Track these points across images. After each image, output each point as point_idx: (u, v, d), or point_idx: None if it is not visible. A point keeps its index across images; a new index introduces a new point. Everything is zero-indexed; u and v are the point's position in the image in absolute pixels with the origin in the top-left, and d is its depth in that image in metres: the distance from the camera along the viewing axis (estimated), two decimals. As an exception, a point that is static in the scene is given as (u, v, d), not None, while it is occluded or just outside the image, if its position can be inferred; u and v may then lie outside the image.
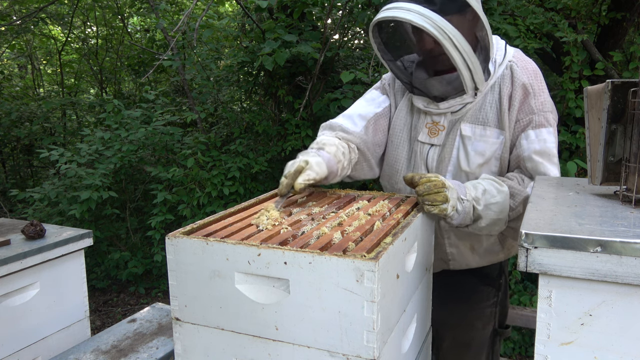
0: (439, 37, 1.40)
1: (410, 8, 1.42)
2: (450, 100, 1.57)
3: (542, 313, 0.95)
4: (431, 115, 1.64)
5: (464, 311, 1.76)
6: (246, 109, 6.00)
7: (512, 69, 1.57)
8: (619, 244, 0.87)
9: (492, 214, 1.46)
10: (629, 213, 1.05)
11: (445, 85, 1.56)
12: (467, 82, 1.50)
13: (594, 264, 0.89)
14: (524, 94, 1.54)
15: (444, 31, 1.39)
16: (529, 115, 1.54)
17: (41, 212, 4.52)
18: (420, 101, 1.64)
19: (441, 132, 1.62)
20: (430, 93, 1.60)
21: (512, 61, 1.58)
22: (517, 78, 1.55)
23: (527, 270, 0.94)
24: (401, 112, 1.73)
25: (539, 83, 1.57)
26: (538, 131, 1.53)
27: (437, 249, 1.70)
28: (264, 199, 1.54)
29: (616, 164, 1.16)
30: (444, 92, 1.57)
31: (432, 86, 1.58)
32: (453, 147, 1.60)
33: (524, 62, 1.60)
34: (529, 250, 0.93)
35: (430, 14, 1.39)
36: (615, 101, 1.13)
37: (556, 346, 0.95)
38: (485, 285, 1.76)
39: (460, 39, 1.41)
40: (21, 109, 6.89)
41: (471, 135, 1.57)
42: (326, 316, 1.02)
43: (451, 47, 1.41)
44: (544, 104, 1.55)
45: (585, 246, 0.89)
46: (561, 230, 0.93)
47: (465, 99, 1.56)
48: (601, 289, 0.90)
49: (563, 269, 0.91)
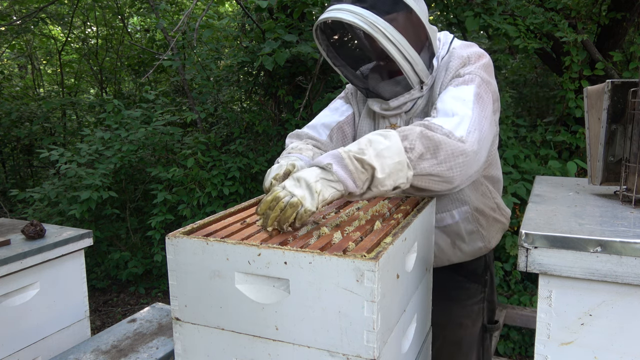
0: (371, 32, 1.41)
1: (343, 8, 1.45)
2: (400, 98, 1.58)
3: (542, 313, 0.95)
4: (388, 118, 1.66)
5: (452, 310, 1.76)
6: (246, 109, 6.00)
7: (451, 52, 1.57)
8: (619, 244, 0.87)
9: (389, 160, 1.21)
10: (629, 213, 1.05)
11: (394, 85, 1.58)
12: (410, 75, 1.50)
13: (594, 264, 0.89)
14: (460, 65, 1.51)
15: (375, 25, 1.41)
16: (457, 77, 1.50)
17: (41, 212, 4.52)
18: (375, 104, 1.64)
19: None
20: (382, 95, 1.61)
21: (454, 48, 1.58)
22: (455, 55, 1.54)
23: (527, 270, 0.94)
24: (364, 120, 1.75)
25: (480, 57, 1.53)
26: (459, 88, 1.45)
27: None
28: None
29: (616, 164, 1.16)
30: (393, 92, 1.58)
31: (382, 88, 1.60)
32: None
33: (465, 44, 1.60)
34: (529, 250, 0.93)
35: (362, 11, 1.41)
36: (615, 101, 1.13)
37: (556, 346, 0.95)
38: (472, 282, 1.77)
39: (393, 32, 1.42)
40: (21, 109, 6.89)
41: None
42: (326, 316, 1.02)
43: (385, 40, 1.42)
44: (476, 67, 1.50)
45: (585, 246, 0.89)
46: (561, 230, 0.93)
47: (413, 95, 1.57)
48: (601, 289, 0.91)
49: (563, 269, 0.91)
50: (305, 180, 1.17)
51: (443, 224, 1.66)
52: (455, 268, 1.73)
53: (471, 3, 3.79)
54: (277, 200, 1.16)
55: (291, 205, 1.14)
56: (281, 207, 1.15)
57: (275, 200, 1.16)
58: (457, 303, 1.76)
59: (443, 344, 1.78)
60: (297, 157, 1.50)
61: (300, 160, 1.48)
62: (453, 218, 1.64)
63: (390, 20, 1.43)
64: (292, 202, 1.14)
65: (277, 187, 1.19)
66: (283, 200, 1.15)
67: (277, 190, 1.17)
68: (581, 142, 3.84)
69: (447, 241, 1.68)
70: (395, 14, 1.46)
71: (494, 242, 1.75)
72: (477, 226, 1.67)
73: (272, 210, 1.15)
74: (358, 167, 1.19)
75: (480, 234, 1.70)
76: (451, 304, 1.76)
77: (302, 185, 1.17)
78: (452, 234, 1.67)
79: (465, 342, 1.77)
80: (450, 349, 1.78)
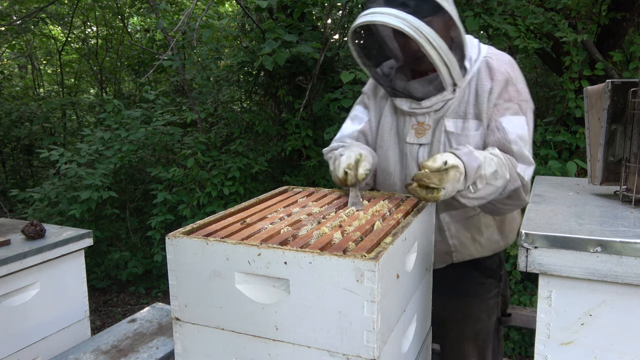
0: (415, 37, 1.46)
1: (387, 12, 1.48)
2: (432, 99, 1.63)
3: (542, 313, 0.95)
4: (416, 116, 1.70)
5: (470, 305, 1.81)
6: (246, 109, 6.00)
7: (489, 63, 1.63)
8: (619, 244, 0.87)
9: (488, 191, 1.45)
10: (629, 213, 1.05)
11: (426, 85, 1.63)
12: (446, 78, 1.56)
13: (594, 264, 0.89)
14: (503, 83, 1.60)
15: (420, 30, 1.46)
16: (508, 102, 1.60)
17: (41, 212, 4.52)
18: (404, 103, 1.69)
19: (427, 131, 1.69)
20: (412, 95, 1.66)
21: (487, 56, 1.66)
22: (495, 69, 1.61)
23: (527, 270, 0.94)
24: (386, 117, 1.79)
25: (516, 72, 1.64)
26: (518, 118, 1.59)
27: (440, 242, 1.73)
28: (264, 199, 1.54)
29: (616, 164, 1.16)
30: (425, 92, 1.64)
31: (414, 88, 1.65)
32: (440, 144, 1.65)
33: (498, 54, 1.68)
34: (529, 250, 0.93)
35: (406, 16, 1.46)
36: (615, 101, 1.13)
37: (556, 346, 0.95)
38: (488, 277, 1.81)
39: (435, 37, 1.47)
40: (21, 109, 6.89)
41: (454, 130, 1.63)
42: (326, 316, 1.02)
43: (427, 45, 1.47)
44: (520, 92, 1.62)
45: (585, 246, 0.89)
46: (561, 230, 0.93)
47: (445, 96, 1.62)
48: (601, 289, 0.91)
49: (563, 269, 0.91)
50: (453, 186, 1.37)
51: (467, 216, 1.70)
52: (473, 264, 1.78)
53: (471, 3, 3.79)
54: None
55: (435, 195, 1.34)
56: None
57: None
58: (475, 298, 1.81)
59: (460, 338, 1.83)
60: (361, 147, 1.65)
61: (364, 149, 1.64)
62: (475, 210, 1.67)
63: (431, 25, 1.47)
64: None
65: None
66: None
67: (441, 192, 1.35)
68: (581, 142, 3.84)
69: (467, 236, 1.73)
70: (435, 17, 1.51)
71: (510, 237, 1.80)
72: (495, 220, 1.73)
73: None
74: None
75: (498, 228, 1.75)
76: (469, 299, 1.81)
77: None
78: (473, 228, 1.72)
79: (481, 335, 1.82)
80: (468, 343, 1.82)
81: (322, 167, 4.77)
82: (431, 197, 1.34)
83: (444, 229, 1.71)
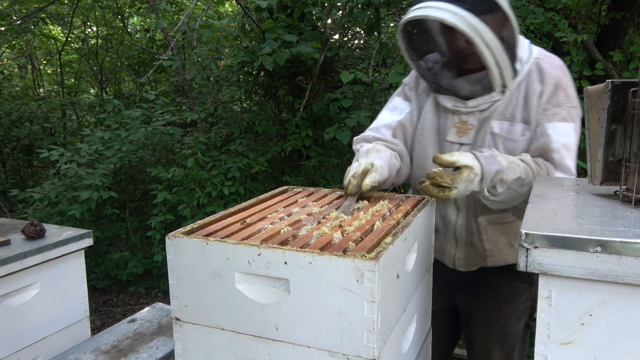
0: (471, 35, 1.41)
1: (442, 7, 1.43)
2: (478, 99, 1.58)
3: (542, 313, 0.95)
4: (459, 115, 1.64)
5: (500, 308, 1.78)
6: (246, 109, 6.00)
7: (540, 66, 1.58)
8: (619, 244, 0.87)
9: (509, 196, 1.46)
10: (629, 213, 1.05)
11: (473, 84, 1.58)
12: (496, 80, 1.51)
13: (594, 264, 0.89)
14: (554, 87, 1.56)
15: (476, 29, 1.41)
16: (557, 107, 1.55)
17: (41, 212, 4.51)
18: (448, 100, 1.64)
19: (470, 130, 1.63)
20: (458, 93, 1.60)
21: (538, 58, 1.60)
22: (547, 73, 1.57)
23: (527, 270, 0.94)
24: (427, 113, 1.73)
25: (567, 77, 1.60)
26: (565, 124, 1.55)
27: (476, 245, 1.71)
28: (264, 199, 1.54)
29: (616, 164, 1.16)
30: (472, 91, 1.58)
31: (460, 86, 1.60)
32: (484, 145, 1.60)
33: (550, 57, 1.63)
34: (529, 250, 0.93)
35: (463, 12, 1.41)
36: (615, 101, 1.13)
37: (556, 346, 0.95)
38: (520, 281, 1.78)
39: (491, 37, 1.43)
40: (21, 109, 6.89)
41: (500, 132, 1.59)
42: (326, 316, 1.02)
43: (482, 45, 1.43)
44: (570, 98, 1.58)
45: (585, 246, 0.89)
46: (561, 230, 0.93)
47: (493, 97, 1.57)
48: (601, 289, 0.90)
49: (563, 269, 0.91)
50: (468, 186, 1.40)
51: (504, 221, 1.67)
52: (507, 268, 1.75)
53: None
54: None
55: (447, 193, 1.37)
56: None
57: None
58: (507, 302, 1.78)
59: (488, 340, 1.81)
60: (377, 157, 1.56)
61: (380, 160, 1.54)
62: (512, 216, 1.66)
63: (486, 23, 1.42)
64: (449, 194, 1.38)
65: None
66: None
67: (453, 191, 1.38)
68: (581, 142, 3.83)
69: (504, 241, 1.70)
70: (490, 15, 1.46)
71: None
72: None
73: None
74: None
75: None
76: (501, 303, 1.78)
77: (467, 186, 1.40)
78: (510, 234, 1.69)
79: (509, 338, 1.80)
80: (495, 345, 1.81)
81: (322, 167, 4.78)
82: (443, 195, 1.35)
83: (481, 232, 1.69)
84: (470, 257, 1.74)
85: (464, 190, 1.38)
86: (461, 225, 1.71)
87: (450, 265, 1.80)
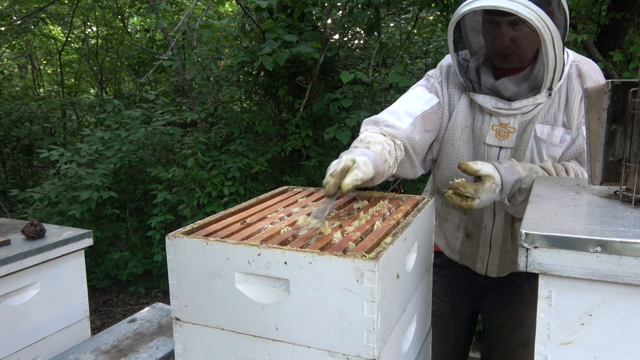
0: (542, 33, 1.33)
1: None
2: (522, 100, 1.52)
3: (542, 313, 0.95)
4: (498, 117, 1.57)
5: (525, 311, 1.76)
6: (246, 109, 5.99)
7: (580, 68, 1.55)
8: (619, 244, 0.87)
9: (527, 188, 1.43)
10: (629, 213, 1.05)
11: (518, 85, 1.51)
12: (548, 81, 1.46)
13: (594, 264, 0.89)
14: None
15: (547, 26, 1.34)
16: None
17: (41, 212, 4.52)
18: (488, 101, 1.56)
19: (511, 134, 1.57)
20: (501, 94, 1.53)
21: (576, 61, 1.57)
22: (587, 76, 1.54)
23: (527, 270, 0.94)
24: (460, 112, 1.64)
25: (604, 80, 1.56)
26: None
27: (510, 251, 1.68)
28: (264, 199, 1.54)
29: (616, 164, 1.16)
30: (516, 92, 1.52)
31: (503, 86, 1.52)
32: (527, 149, 1.56)
33: (587, 60, 1.59)
34: (529, 250, 0.93)
35: (534, 6, 1.32)
36: (615, 101, 1.13)
37: (556, 346, 0.95)
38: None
39: (557, 35, 1.36)
40: (21, 109, 6.89)
41: (542, 136, 1.54)
42: (326, 316, 1.02)
43: (550, 43, 1.36)
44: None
45: (585, 246, 0.89)
46: (561, 230, 0.93)
47: (537, 99, 1.51)
48: (601, 289, 0.90)
49: (563, 269, 0.91)
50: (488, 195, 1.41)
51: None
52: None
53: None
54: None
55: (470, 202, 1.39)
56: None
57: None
58: (530, 305, 1.75)
59: (512, 346, 1.79)
60: (362, 152, 1.38)
61: (364, 155, 1.36)
62: None
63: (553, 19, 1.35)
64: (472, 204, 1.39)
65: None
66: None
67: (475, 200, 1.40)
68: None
69: None
70: (556, 13, 1.39)
71: None
72: None
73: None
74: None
75: None
76: (525, 307, 1.75)
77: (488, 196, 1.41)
78: None
79: (532, 341, 1.78)
80: (521, 349, 1.79)
81: (322, 167, 4.77)
82: (466, 204, 1.35)
83: (517, 237, 1.66)
84: (504, 263, 1.71)
85: (486, 200, 1.37)
86: (497, 232, 1.67)
87: (481, 272, 1.76)
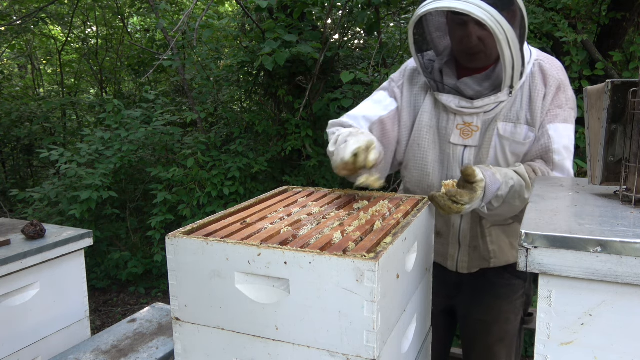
0: (497, 33, 1.36)
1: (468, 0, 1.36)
2: (484, 99, 1.55)
3: (542, 313, 0.95)
4: (462, 116, 1.60)
5: (500, 306, 1.78)
6: (246, 109, 6.00)
7: (542, 67, 1.57)
8: (619, 244, 0.87)
9: (504, 210, 1.47)
10: (629, 213, 1.05)
11: (479, 84, 1.54)
12: (508, 80, 1.48)
13: (594, 264, 0.89)
14: (556, 89, 1.55)
15: (501, 26, 1.36)
16: (559, 109, 1.55)
17: (41, 212, 4.52)
18: (452, 100, 1.59)
19: (475, 132, 1.59)
20: (463, 93, 1.56)
21: (539, 59, 1.59)
22: (549, 75, 1.56)
23: (527, 270, 0.94)
24: (425, 112, 1.67)
25: (566, 78, 1.59)
26: (566, 126, 1.54)
27: (479, 248, 1.71)
28: (264, 199, 1.54)
29: (616, 164, 1.16)
30: (478, 91, 1.54)
31: (465, 86, 1.55)
32: (490, 148, 1.58)
33: (550, 58, 1.62)
34: (529, 250, 0.93)
35: (488, 7, 1.34)
36: (615, 101, 1.13)
37: (556, 346, 0.95)
38: (516, 278, 1.78)
39: (512, 35, 1.38)
40: (21, 109, 6.89)
41: (505, 134, 1.57)
42: (326, 316, 1.02)
43: (505, 43, 1.38)
44: (569, 99, 1.58)
45: (585, 246, 0.89)
46: (561, 230, 0.93)
47: (499, 98, 1.54)
48: (601, 289, 0.90)
49: (563, 269, 0.91)
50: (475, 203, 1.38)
51: (507, 223, 1.67)
52: (505, 267, 1.75)
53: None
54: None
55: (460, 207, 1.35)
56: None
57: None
58: (505, 299, 1.78)
59: (491, 339, 1.80)
60: (370, 135, 1.47)
61: (375, 140, 1.46)
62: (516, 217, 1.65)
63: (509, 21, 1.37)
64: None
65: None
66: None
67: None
68: (581, 142, 3.83)
69: (507, 242, 1.70)
70: (511, 13, 1.41)
71: None
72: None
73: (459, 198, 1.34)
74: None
75: None
76: (500, 301, 1.78)
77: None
78: (512, 234, 1.69)
79: (508, 335, 1.80)
80: (498, 344, 1.81)
81: (322, 167, 4.77)
82: (456, 208, 1.35)
83: (486, 234, 1.68)
84: (473, 260, 1.74)
85: (473, 206, 1.39)
86: (465, 229, 1.70)
87: (452, 269, 1.79)
